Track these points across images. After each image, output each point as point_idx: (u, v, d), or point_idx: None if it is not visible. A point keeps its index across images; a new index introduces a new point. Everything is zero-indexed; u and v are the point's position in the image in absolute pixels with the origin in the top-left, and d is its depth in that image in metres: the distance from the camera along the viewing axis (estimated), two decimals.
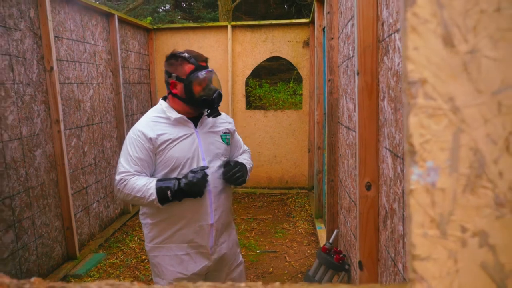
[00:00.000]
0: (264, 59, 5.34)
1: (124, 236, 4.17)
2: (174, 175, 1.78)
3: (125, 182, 1.75)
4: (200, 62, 1.80)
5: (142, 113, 5.17)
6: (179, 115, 1.82)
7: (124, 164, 1.78)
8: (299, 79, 10.33)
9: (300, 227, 4.22)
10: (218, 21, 10.12)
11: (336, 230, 2.47)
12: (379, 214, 1.61)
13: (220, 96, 1.82)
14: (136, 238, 4.12)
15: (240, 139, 2.14)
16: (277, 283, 0.44)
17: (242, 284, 0.45)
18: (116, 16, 4.28)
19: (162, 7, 13.17)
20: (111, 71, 4.35)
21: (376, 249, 1.65)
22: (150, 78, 5.47)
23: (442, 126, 0.39)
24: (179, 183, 1.71)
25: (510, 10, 0.37)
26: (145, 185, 1.72)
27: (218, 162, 1.88)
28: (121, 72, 4.42)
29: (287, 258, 3.56)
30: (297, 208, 4.84)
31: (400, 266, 1.29)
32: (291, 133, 5.43)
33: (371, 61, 1.56)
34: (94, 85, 3.99)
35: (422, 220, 0.40)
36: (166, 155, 1.78)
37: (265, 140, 5.48)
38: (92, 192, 3.93)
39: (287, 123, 5.43)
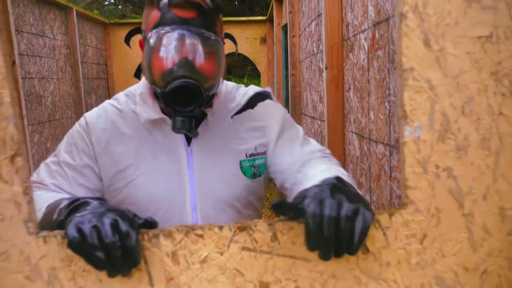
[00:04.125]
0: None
1: None
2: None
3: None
4: (175, 7, 0.82)
5: None
6: (155, 115, 0.90)
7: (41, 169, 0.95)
8: (253, 75, 10.56)
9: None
10: None
11: None
12: None
13: (178, 88, 0.80)
14: None
15: (303, 138, 0.98)
16: None
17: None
18: (74, 10, 4.23)
19: (107, 1, 12.79)
20: (70, 66, 4.28)
21: None
22: (107, 74, 5.42)
23: (424, 99, 0.59)
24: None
25: (464, 24, 0.58)
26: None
27: (224, 215, 0.92)
28: (80, 67, 4.37)
29: None
30: None
31: None
32: None
33: (337, 57, 1.78)
34: (55, 80, 3.93)
35: (412, 162, 0.60)
36: (121, 191, 0.91)
37: None
38: None
39: None
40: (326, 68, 1.80)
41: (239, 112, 0.96)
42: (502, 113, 0.59)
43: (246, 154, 0.94)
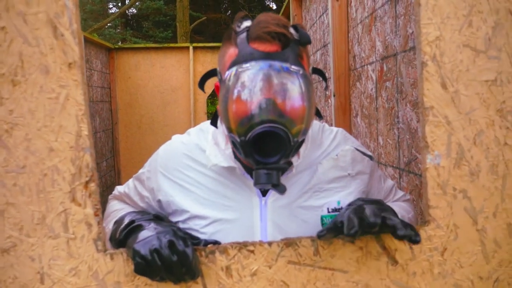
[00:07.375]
0: None
1: None
2: None
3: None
4: (255, 40, 0.73)
5: (105, 131, 5.20)
6: (225, 162, 0.82)
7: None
8: None
9: None
10: (171, 39, 10.32)
11: None
12: None
13: (261, 136, 0.70)
14: None
15: (388, 184, 0.96)
16: None
17: None
18: (82, 36, 4.37)
19: (107, 25, 13.08)
20: None
21: None
22: (111, 97, 5.53)
23: (442, 132, 0.70)
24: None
25: (474, 70, 0.69)
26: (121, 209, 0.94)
27: None
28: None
29: None
30: None
31: None
32: None
33: (344, 85, 1.91)
34: None
35: (433, 185, 0.71)
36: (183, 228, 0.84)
37: None
38: None
39: None
40: (334, 96, 1.92)
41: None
42: (507, 143, 0.70)
43: (328, 209, 0.84)
